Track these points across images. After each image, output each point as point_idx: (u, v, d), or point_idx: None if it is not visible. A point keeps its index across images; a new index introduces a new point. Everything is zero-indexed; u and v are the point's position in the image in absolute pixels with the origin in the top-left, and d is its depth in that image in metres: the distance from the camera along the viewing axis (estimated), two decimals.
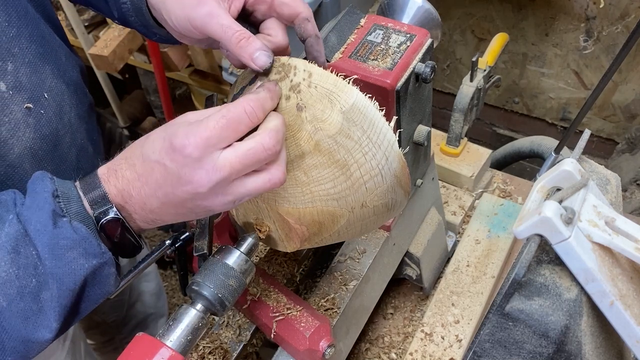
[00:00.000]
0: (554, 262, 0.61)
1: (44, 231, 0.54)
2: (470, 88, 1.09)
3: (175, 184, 0.54)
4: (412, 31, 0.74)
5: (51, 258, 0.54)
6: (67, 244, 0.54)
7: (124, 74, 2.63)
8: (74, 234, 0.55)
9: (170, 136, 0.53)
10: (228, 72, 1.86)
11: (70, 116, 0.79)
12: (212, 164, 0.53)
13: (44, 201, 0.55)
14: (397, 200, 0.66)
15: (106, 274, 0.58)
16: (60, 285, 0.55)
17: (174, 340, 0.58)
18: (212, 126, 0.52)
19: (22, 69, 0.70)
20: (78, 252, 0.55)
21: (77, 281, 0.56)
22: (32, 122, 0.71)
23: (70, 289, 0.56)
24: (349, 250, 0.89)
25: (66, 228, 0.54)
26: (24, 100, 0.70)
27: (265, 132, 0.55)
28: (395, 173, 0.62)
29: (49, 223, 0.54)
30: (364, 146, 0.59)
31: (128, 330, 1.45)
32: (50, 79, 0.75)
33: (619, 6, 1.70)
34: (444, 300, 1.04)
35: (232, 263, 0.63)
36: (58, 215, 0.55)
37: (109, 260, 0.58)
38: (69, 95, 0.79)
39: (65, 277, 0.55)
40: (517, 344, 0.62)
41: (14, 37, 0.69)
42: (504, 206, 1.17)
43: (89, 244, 0.55)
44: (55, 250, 0.54)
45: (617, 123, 1.99)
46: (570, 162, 0.63)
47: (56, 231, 0.54)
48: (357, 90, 0.59)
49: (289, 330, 0.74)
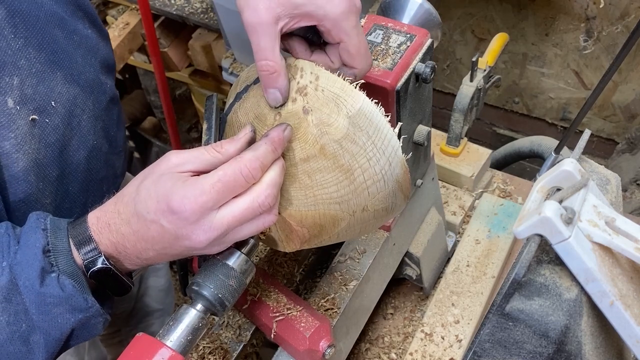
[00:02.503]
0: (554, 262, 0.61)
1: (31, 289, 0.56)
2: (470, 88, 1.09)
3: (172, 241, 0.56)
4: (412, 31, 0.74)
5: (38, 313, 0.56)
6: (54, 301, 0.56)
7: (124, 74, 2.64)
8: (61, 291, 0.56)
9: (165, 198, 0.54)
10: (228, 72, 1.86)
11: (80, 119, 0.78)
12: (208, 225, 0.54)
13: (33, 257, 0.56)
14: (397, 204, 0.66)
15: (93, 323, 0.61)
16: (47, 337, 0.58)
17: (174, 340, 0.58)
18: (208, 190, 0.53)
19: (29, 81, 0.70)
20: (64, 308, 0.57)
21: (64, 333, 0.58)
22: (37, 132, 0.71)
23: (57, 339, 0.58)
24: (349, 250, 0.89)
25: (53, 286, 0.56)
26: (29, 113, 0.70)
27: (262, 188, 0.56)
28: (397, 178, 0.62)
29: (36, 282, 0.56)
30: (369, 151, 0.59)
31: (135, 323, 1.44)
32: (61, 85, 0.74)
33: (619, 6, 1.70)
34: (444, 300, 1.04)
35: (232, 263, 0.63)
36: (46, 272, 0.56)
37: (95, 312, 0.59)
38: (82, 98, 0.78)
39: (51, 330, 0.57)
40: (517, 344, 0.62)
41: (21, 48, 0.68)
42: (504, 206, 1.17)
43: (75, 301, 0.57)
44: (41, 307, 0.56)
45: (617, 123, 1.99)
46: (570, 162, 0.62)
47: (43, 290, 0.56)
48: (363, 95, 0.59)
49: (289, 330, 0.74)
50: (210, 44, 1.96)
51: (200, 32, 2.01)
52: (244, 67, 1.83)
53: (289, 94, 0.60)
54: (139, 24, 2.02)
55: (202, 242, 0.55)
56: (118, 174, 0.90)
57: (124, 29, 2.02)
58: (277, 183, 0.57)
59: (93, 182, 0.81)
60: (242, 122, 0.64)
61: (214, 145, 0.58)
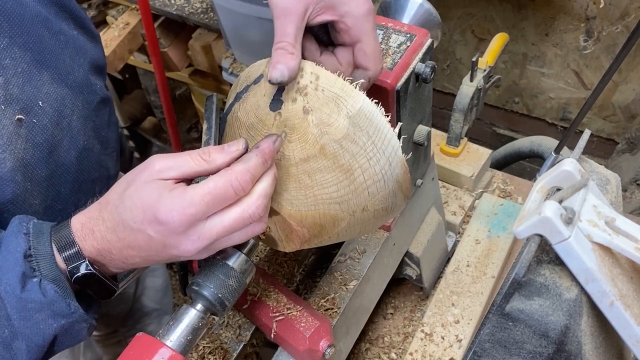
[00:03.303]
0: (554, 262, 0.61)
1: (12, 294, 0.55)
2: (470, 88, 1.09)
3: (159, 249, 0.56)
4: (412, 31, 0.74)
5: (19, 319, 0.55)
6: (35, 306, 0.55)
7: (124, 74, 2.63)
8: (42, 296, 0.55)
9: (151, 209, 0.53)
10: (228, 72, 1.86)
11: (70, 119, 0.77)
12: (197, 235, 0.54)
13: (14, 262, 0.55)
14: (397, 204, 0.66)
15: (77, 329, 0.59)
16: (29, 343, 0.56)
17: (174, 340, 0.58)
18: (197, 202, 0.53)
19: (14, 80, 0.69)
20: (46, 314, 0.56)
21: (46, 339, 0.57)
22: (23, 132, 0.70)
23: (39, 345, 0.57)
24: (349, 250, 0.89)
25: (34, 291, 0.55)
26: (15, 113, 0.69)
27: (253, 199, 0.55)
28: (397, 178, 0.62)
29: (17, 287, 0.55)
30: (369, 151, 0.59)
31: (132, 323, 1.44)
32: (48, 85, 0.73)
33: (619, 6, 1.70)
34: (444, 300, 1.04)
35: (232, 263, 0.63)
36: (28, 277, 0.55)
37: (78, 317, 0.58)
38: (71, 99, 0.77)
39: (33, 336, 0.56)
40: (517, 344, 0.62)
41: (5, 48, 0.68)
42: (504, 206, 1.17)
43: (57, 306, 0.56)
44: (22, 312, 0.55)
45: (617, 123, 1.99)
46: (570, 162, 0.62)
47: (24, 295, 0.55)
48: (363, 95, 0.59)
49: (289, 330, 0.74)
50: (210, 44, 1.96)
51: (200, 32, 2.01)
52: (244, 67, 1.83)
53: (290, 95, 0.60)
54: (139, 24, 2.02)
55: (190, 251, 0.55)
56: (111, 174, 0.89)
57: (124, 29, 2.02)
58: (267, 194, 0.56)
59: (85, 183, 0.81)
60: (242, 121, 0.64)
61: (200, 152, 0.56)
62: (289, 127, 0.60)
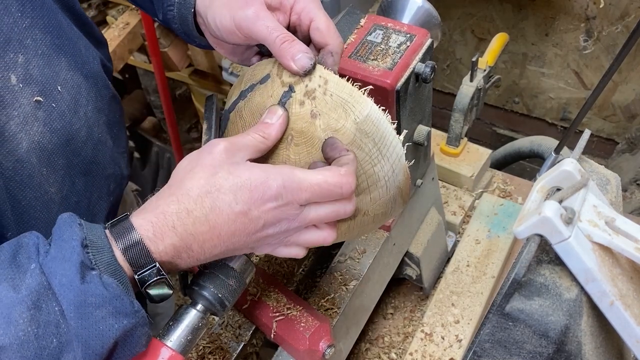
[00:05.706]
0: (554, 262, 0.61)
1: (70, 286, 0.48)
2: (470, 88, 1.09)
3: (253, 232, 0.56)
4: (412, 31, 0.74)
5: (77, 317, 0.49)
6: (96, 301, 0.49)
7: (124, 74, 2.64)
8: (104, 290, 0.49)
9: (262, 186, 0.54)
10: (228, 72, 1.86)
11: (87, 109, 0.76)
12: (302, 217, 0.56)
13: (71, 251, 0.50)
14: (395, 208, 0.66)
15: (138, 334, 0.53)
16: (86, 349, 0.49)
17: (174, 340, 0.58)
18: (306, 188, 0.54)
19: (35, 61, 0.68)
20: (107, 311, 0.49)
21: (106, 344, 0.50)
22: (41, 115, 0.69)
23: (98, 353, 0.50)
24: (349, 250, 0.89)
25: (95, 283, 0.49)
26: (33, 94, 0.68)
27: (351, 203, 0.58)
28: (399, 185, 0.63)
29: (76, 278, 0.48)
30: (374, 158, 0.59)
31: None
32: (66, 71, 0.73)
33: (619, 6, 1.70)
34: (444, 300, 1.04)
35: (232, 263, 0.63)
36: (87, 267, 0.50)
37: (142, 319, 0.52)
38: (86, 88, 0.77)
39: (91, 340, 0.49)
40: (517, 344, 0.62)
41: (27, 28, 0.67)
42: (504, 206, 1.17)
43: (120, 302, 0.50)
44: (81, 309, 0.49)
45: (617, 123, 1.99)
46: (570, 162, 0.62)
47: (84, 287, 0.49)
48: (371, 101, 0.59)
49: (289, 330, 0.74)
50: None
51: None
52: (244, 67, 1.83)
53: (297, 98, 0.59)
54: (139, 24, 2.02)
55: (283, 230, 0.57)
56: (124, 175, 0.89)
57: (124, 29, 2.02)
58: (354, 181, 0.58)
59: (99, 178, 0.80)
60: (246, 121, 0.64)
61: (256, 131, 0.59)
62: (295, 131, 0.60)
